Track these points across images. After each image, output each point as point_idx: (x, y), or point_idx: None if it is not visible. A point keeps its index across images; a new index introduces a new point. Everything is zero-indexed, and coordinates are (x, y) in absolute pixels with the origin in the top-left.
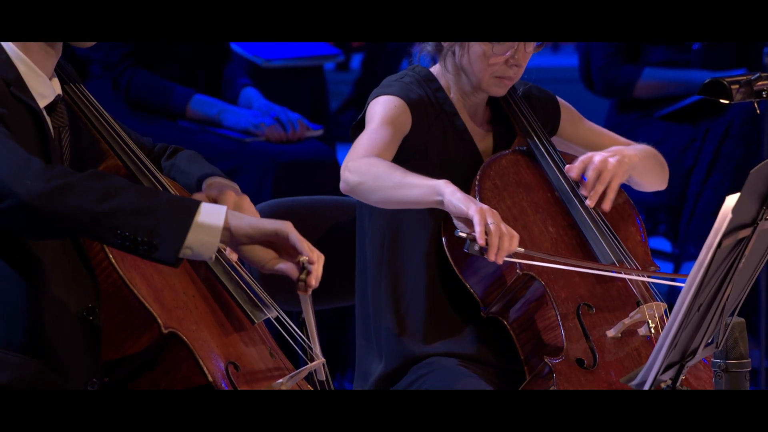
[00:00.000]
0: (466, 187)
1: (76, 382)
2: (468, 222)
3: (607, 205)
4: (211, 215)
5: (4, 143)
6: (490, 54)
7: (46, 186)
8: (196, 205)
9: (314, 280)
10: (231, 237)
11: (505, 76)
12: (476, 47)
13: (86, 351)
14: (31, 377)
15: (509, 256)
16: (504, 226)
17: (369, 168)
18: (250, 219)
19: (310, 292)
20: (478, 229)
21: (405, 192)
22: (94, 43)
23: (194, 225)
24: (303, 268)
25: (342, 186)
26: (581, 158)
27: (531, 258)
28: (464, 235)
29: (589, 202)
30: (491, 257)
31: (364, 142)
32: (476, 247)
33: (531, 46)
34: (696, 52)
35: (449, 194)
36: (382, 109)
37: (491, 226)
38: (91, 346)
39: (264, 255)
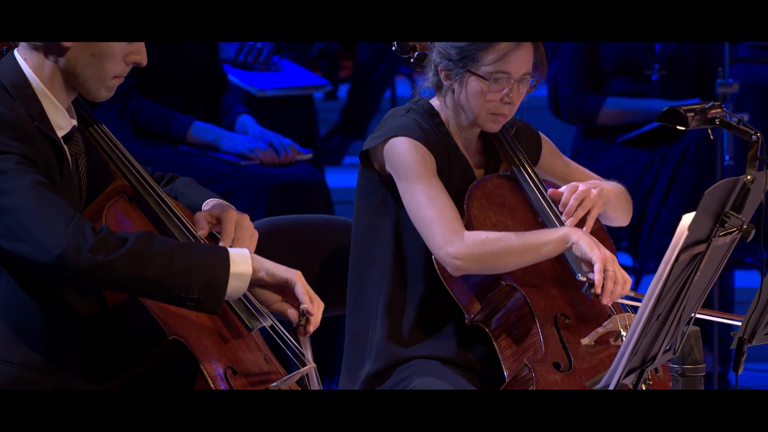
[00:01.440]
0: (460, 208)
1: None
2: (588, 264)
3: (587, 228)
4: (242, 264)
5: (51, 203)
6: (487, 92)
7: (105, 259)
8: (227, 255)
9: (312, 327)
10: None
11: (499, 113)
12: (474, 85)
13: (99, 366)
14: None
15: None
16: (620, 273)
17: (480, 250)
18: (267, 265)
19: (306, 335)
20: (597, 277)
21: (534, 254)
22: (103, 101)
23: (231, 276)
24: (303, 315)
25: (455, 272)
26: (568, 185)
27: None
28: (584, 279)
29: (570, 223)
30: (604, 300)
31: (438, 214)
32: (592, 292)
33: (525, 86)
34: (654, 82)
35: (577, 239)
36: (415, 161)
37: (609, 273)
38: (103, 356)
39: (271, 296)
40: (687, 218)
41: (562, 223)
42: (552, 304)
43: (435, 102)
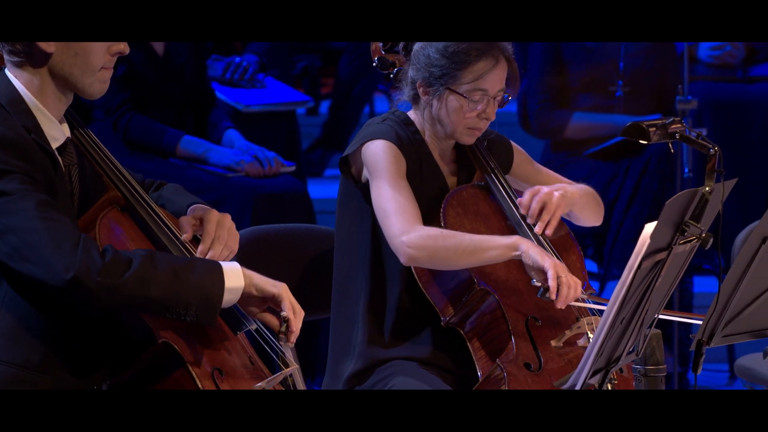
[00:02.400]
0: (434, 213)
1: (83, 389)
2: (541, 272)
3: (549, 232)
4: (235, 279)
5: (58, 224)
6: (466, 108)
7: (114, 283)
8: (221, 271)
9: (293, 336)
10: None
11: (476, 127)
12: (453, 102)
13: (94, 365)
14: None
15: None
16: (571, 278)
17: (433, 242)
18: (256, 280)
19: (287, 344)
20: (552, 283)
21: (482, 255)
22: (100, 96)
23: (225, 291)
24: (284, 323)
25: (406, 261)
26: (530, 189)
27: (586, 302)
28: (539, 284)
29: (537, 229)
30: (558, 305)
31: (396, 208)
32: (547, 295)
33: (498, 105)
34: (618, 99)
35: (526, 248)
36: (388, 162)
37: (562, 279)
38: (98, 356)
39: (255, 309)
40: (649, 227)
41: (531, 230)
42: (523, 308)
43: (411, 114)
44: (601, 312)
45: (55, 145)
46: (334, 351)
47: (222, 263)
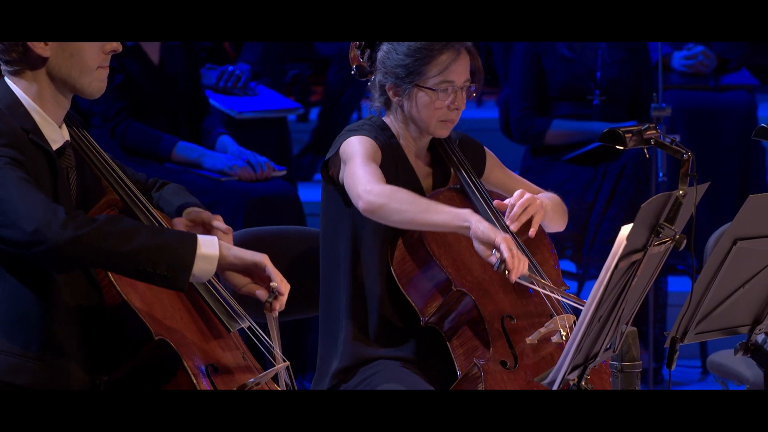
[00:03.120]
0: None
1: (82, 381)
2: (490, 247)
3: (532, 233)
4: (209, 247)
5: (31, 193)
6: (436, 102)
7: (74, 233)
8: (195, 239)
9: (279, 304)
10: (219, 264)
11: (448, 119)
12: (423, 97)
13: (92, 354)
14: (44, 379)
15: (521, 278)
16: (517, 251)
17: (393, 192)
18: (235, 250)
19: (276, 313)
20: (507, 254)
21: (431, 216)
22: (99, 95)
23: (198, 257)
24: (272, 293)
25: (364, 206)
26: (516, 193)
27: (537, 282)
28: (497, 255)
29: (514, 227)
30: (512, 276)
31: (364, 172)
32: (502, 267)
33: (466, 95)
34: (595, 107)
35: (476, 222)
36: (361, 147)
37: (513, 251)
38: (96, 350)
39: (241, 280)
40: (625, 229)
41: (508, 230)
42: (499, 307)
43: (386, 119)
44: (574, 308)
45: (54, 146)
46: (322, 349)
47: (198, 235)
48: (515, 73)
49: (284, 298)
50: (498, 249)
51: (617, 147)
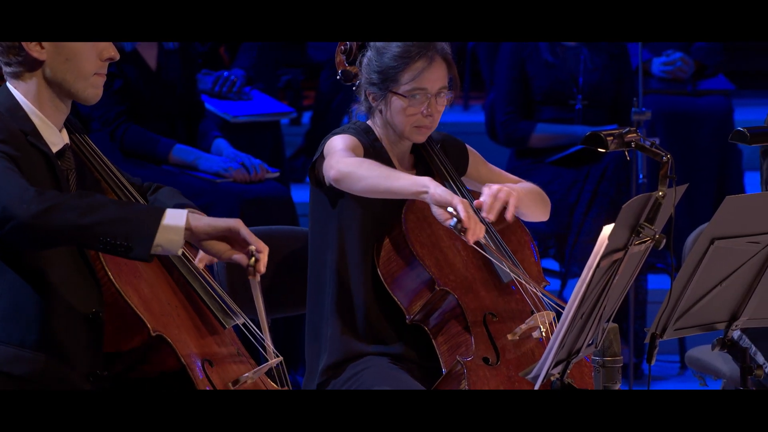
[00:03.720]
0: (395, 216)
1: (80, 374)
2: (446, 210)
3: (509, 216)
4: (174, 218)
5: (9, 176)
6: (409, 108)
7: (41, 207)
8: (162, 211)
9: (262, 266)
10: (192, 235)
11: (422, 125)
12: (397, 103)
13: (90, 348)
14: (42, 370)
15: (476, 244)
16: (476, 218)
17: (362, 162)
18: (207, 219)
19: (258, 277)
20: (464, 214)
21: (392, 182)
22: (95, 102)
23: (161, 227)
24: (252, 256)
25: (334, 175)
26: (484, 188)
27: (491, 250)
28: (442, 213)
29: (491, 217)
30: (469, 237)
31: (340, 154)
32: (460, 226)
33: (442, 103)
34: (578, 111)
35: (434, 187)
36: (343, 142)
37: (470, 214)
38: (94, 344)
39: (220, 247)
40: (607, 229)
41: (489, 228)
42: (481, 305)
43: (369, 123)
44: (552, 306)
45: (53, 149)
46: (309, 347)
47: (166, 208)
48: (500, 79)
49: (264, 259)
50: (455, 209)
51: (599, 150)
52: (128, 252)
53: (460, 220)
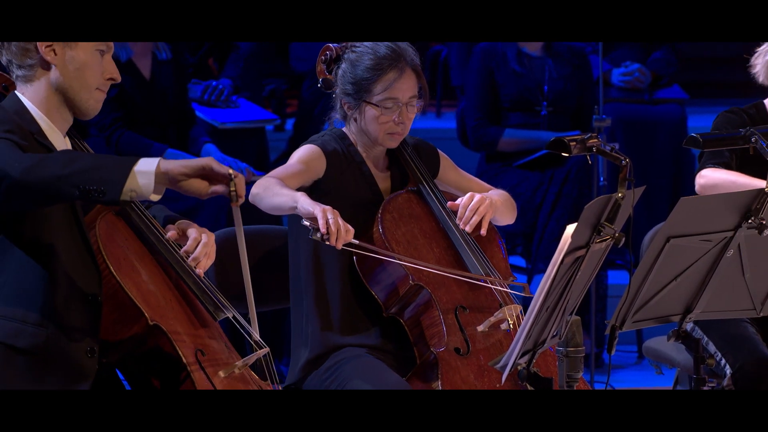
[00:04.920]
0: (372, 218)
1: (79, 349)
2: (314, 220)
3: (483, 231)
4: (146, 164)
5: (8, 148)
6: (381, 117)
7: (30, 163)
8: (135, 159)
9: (241, 190)
10: (169, 178)
11: (395, 132)
12: (370, 112)
13: (88, 326)
14: (44, 344)
15: (346, 245)
16: (341, 222)
17: (264, 183)
18: (180, 161)
19: (240, 202)
20: (321, 222)
21: (276, 200)
22: (93, 116)
23: (133, 173)
24: (231, 181)
25: (249, 197)
26: (465, 196)
27: (365, 248)
28: (308, 224)
29: (462, 225)
30: (332, 242)
31: (277, 169)
32: (318, 234)
33: (413, 111)
34: (543, 117)
35: (301, 201)
36: (301, 153)
37: (330, 221)
38: (93, 323)
39: (199, 185)
40: (570, 228)
41: (457, 227)
42: (453, 299)
43: (345, 129)
44: (519, 298)
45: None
46: (294, 340)
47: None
48: (471, 87)
49: (242, 183)
50: (316, 220)
51: (563, 154)
52: (102, 196)
53: (317, 229)
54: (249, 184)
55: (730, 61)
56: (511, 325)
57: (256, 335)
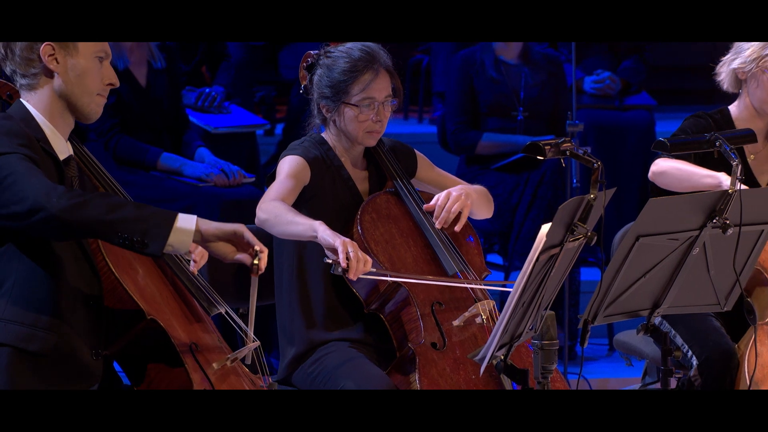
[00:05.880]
0: (351, 219)
1: (85, 351)
2: (334, 251)
3: (458, 227)
4: (186, 222)
5: (35, 173)
6: (360, 116)
7: (69, 203)
8: (175, 214)
9: (263, 264)
10: (202, 237)
11: (373, 130)
12: (349, 112)
13: (92, 328)
14: (53, 347)
15: (365, 274)
16: (360, 254)
17: (273, 209)
18: (215, 223)
19: (258, 274)
20: (341, 257)
21: (292, 228)
22: (94, 119)
23: (174, 229)
24: (256, 255)
25: (256, 222)
26: (444, 193)
27: (378, 274)
28: (331, 261)
29: (438, 225)
30: (351, 276)
31: (274, 189)
32: (339, 269)
33: (389, 109)
34: (520, 122)
35: (321, 231)
36: (288, 166)
37: (351, 254)
38: (96, 326)
39: (226, 249)
40: (545, 228)
41: (433, 226)
42: (429, 296)
43: (325, 134)
44: (493, 293)
45: (61, 157)
46: (281, 339)
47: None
48: (451, 93)
49: (265, 258)
50: (335, 252)
51: (538, 157)
52: (143, 248)
53: (337, 263)
54: (243, 185)
55: (696, 70)
56: (485, 320)
57: (249, 329)
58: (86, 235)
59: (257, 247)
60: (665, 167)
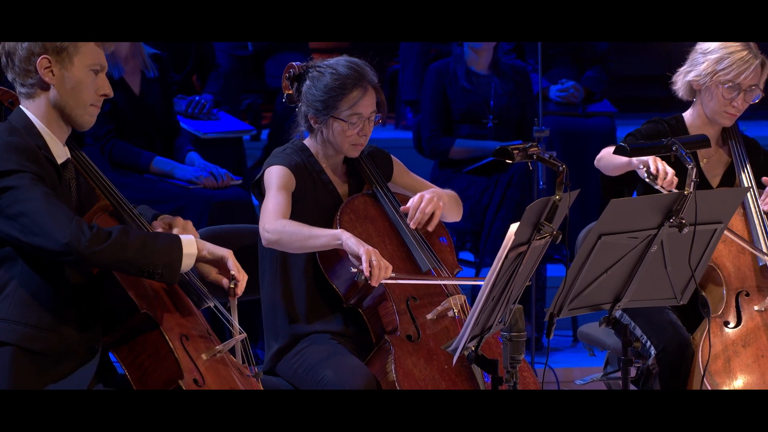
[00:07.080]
0: (331, 219)
1: (83, 348)
2: (358, 258)
3: (431, 227)
4: (190, 247)
5: (58, 206)
6: (348, 130)
7: (98, 248)
8: (180, 241)
9: (239, 289)
10: (197, 256)
11: (358, 143)
12: (337, 126)
13: (90, 327)
14: (55, 346)
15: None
16: (383, 261)
17: (283, 228)
18: (209, 246)
19: (236, 298)
20: (365, 265)
21: (314, 241)
22: (88, 128)
23: (184, 256)
24: (232, 280)
25: (264, 243)
26: (417, 196)
27: (398, 278)
28: (356, 270)
29: (413, 225)
30: (373, 283)
31: (271, 206)
32: (362, 277)
33: (373, 123)
34: (490, 128)
35: (345, 239)
36: (276, 178)
37: (374, 262)
38: (93, 324)
39: (208, 269)
40: (513, 227)
41: (408, 226)
42: (404, 291)
43: (307, 141)
44: (465, 289)
45: (59, 161)
46: (266, 333)
47: (180, 236)
48: (426, 102)
49: (243, 285)
50: (359, 260)
51: (507, 161)
52: (162, 278)
53: (360, 271)
54: (230, 187)
55: (654, 79)
56: (456, 314)
57: (235, 322)
58: (109, 269)
59: (234, 273)
60: (601, 154)
